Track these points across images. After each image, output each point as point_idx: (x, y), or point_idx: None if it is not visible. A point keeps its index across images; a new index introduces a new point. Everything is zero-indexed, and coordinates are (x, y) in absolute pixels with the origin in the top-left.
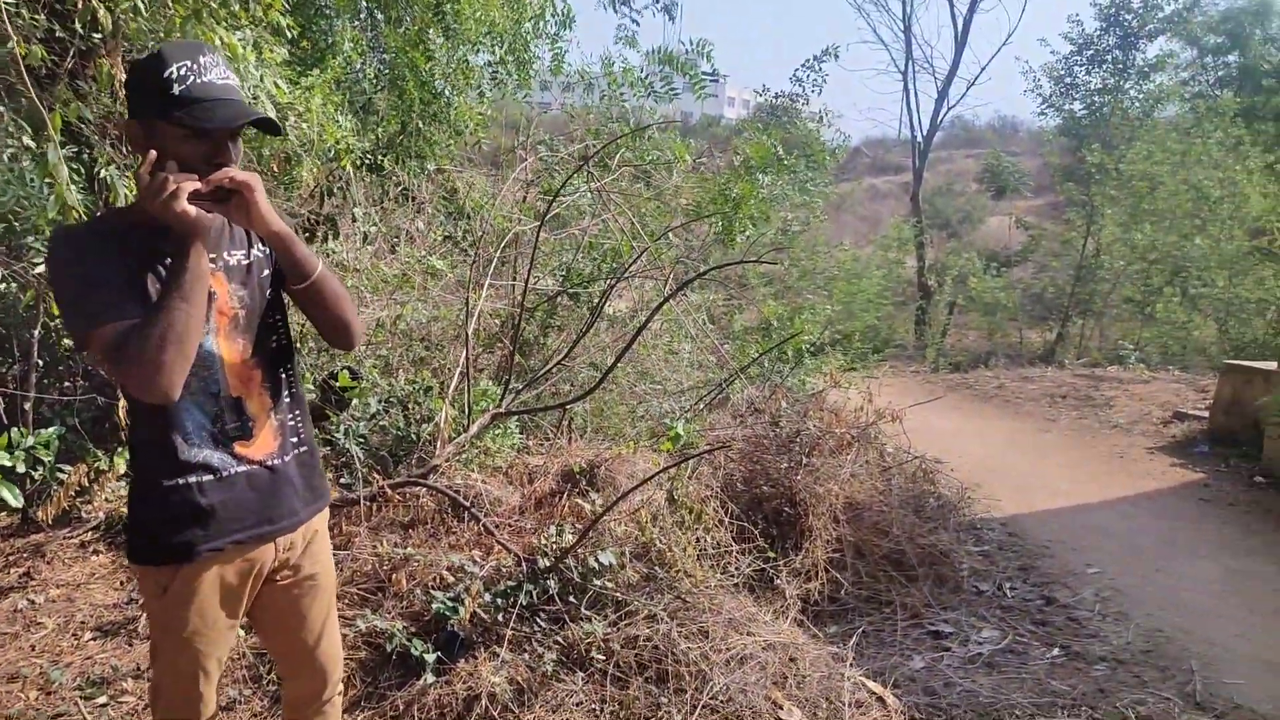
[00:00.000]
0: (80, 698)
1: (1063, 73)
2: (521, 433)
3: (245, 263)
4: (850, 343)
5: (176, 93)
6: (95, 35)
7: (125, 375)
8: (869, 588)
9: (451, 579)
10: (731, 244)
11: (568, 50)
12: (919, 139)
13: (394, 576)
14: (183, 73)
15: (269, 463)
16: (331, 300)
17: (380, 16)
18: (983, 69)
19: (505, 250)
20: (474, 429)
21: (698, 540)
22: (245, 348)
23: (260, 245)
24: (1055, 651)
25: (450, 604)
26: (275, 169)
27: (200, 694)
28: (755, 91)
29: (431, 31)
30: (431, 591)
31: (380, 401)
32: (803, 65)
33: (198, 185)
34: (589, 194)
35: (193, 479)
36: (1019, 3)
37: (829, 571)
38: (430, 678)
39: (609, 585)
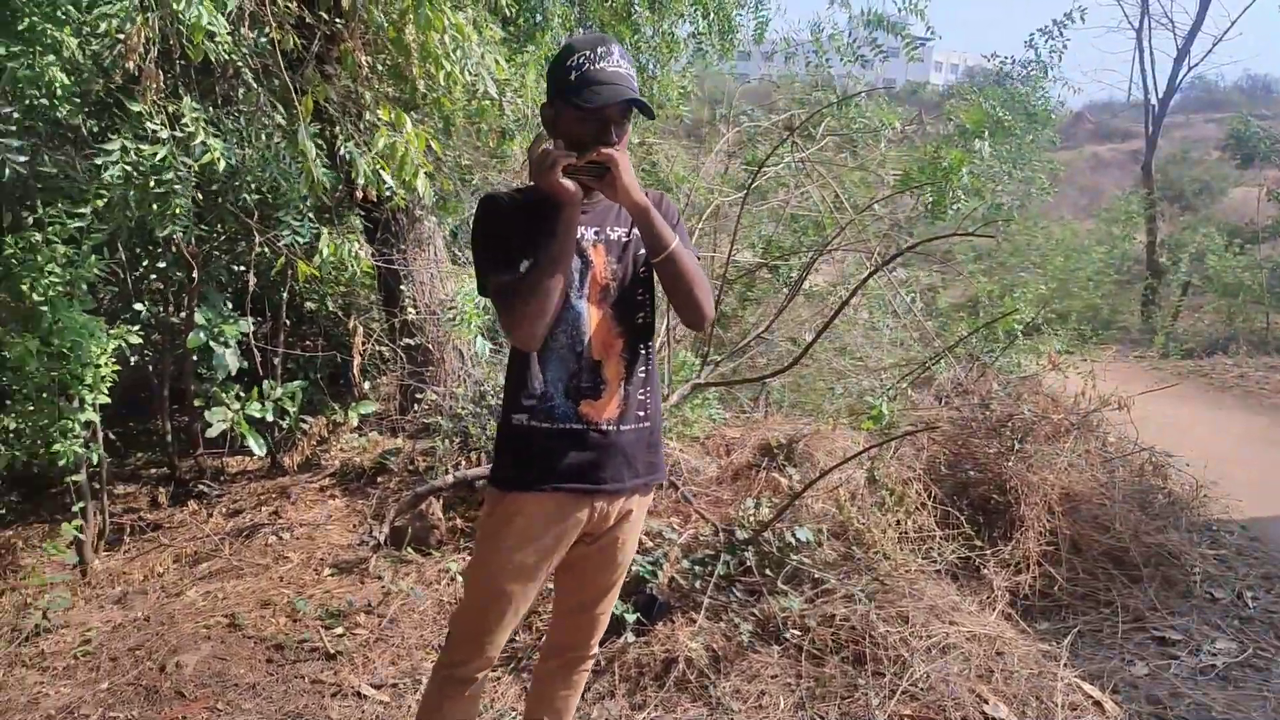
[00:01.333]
0: (321, 626)
1: None
2: (719, 404)
3: (625, 240)
4: (1067, 323)
5: (573, 79)
6: (338, 20)
7: (501, 321)
8: (1085, 585)
9: (650, 544)
10: (941, 217)
11: (771, 18)
12: (1153, 102)
13: None
14: (579, 61)
15: (604, 427)
16: (683, 277)
17: None
18: (1232, 23)
19: (704, 222)
20: (673, 399)
21: (898, 523)
22: (611, 316)
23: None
24: None
25: (649, 568)
26: (491, 143)
27: (489, 630)
28: (985, 57)
29: (638, 4)
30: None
31: None
32: (1040, 30)
33: (572, 160)
34: (792, 165)
35: (533, 422)
36: None
37: (1041, 565)
38: (630, 637)
39: (806, 562)
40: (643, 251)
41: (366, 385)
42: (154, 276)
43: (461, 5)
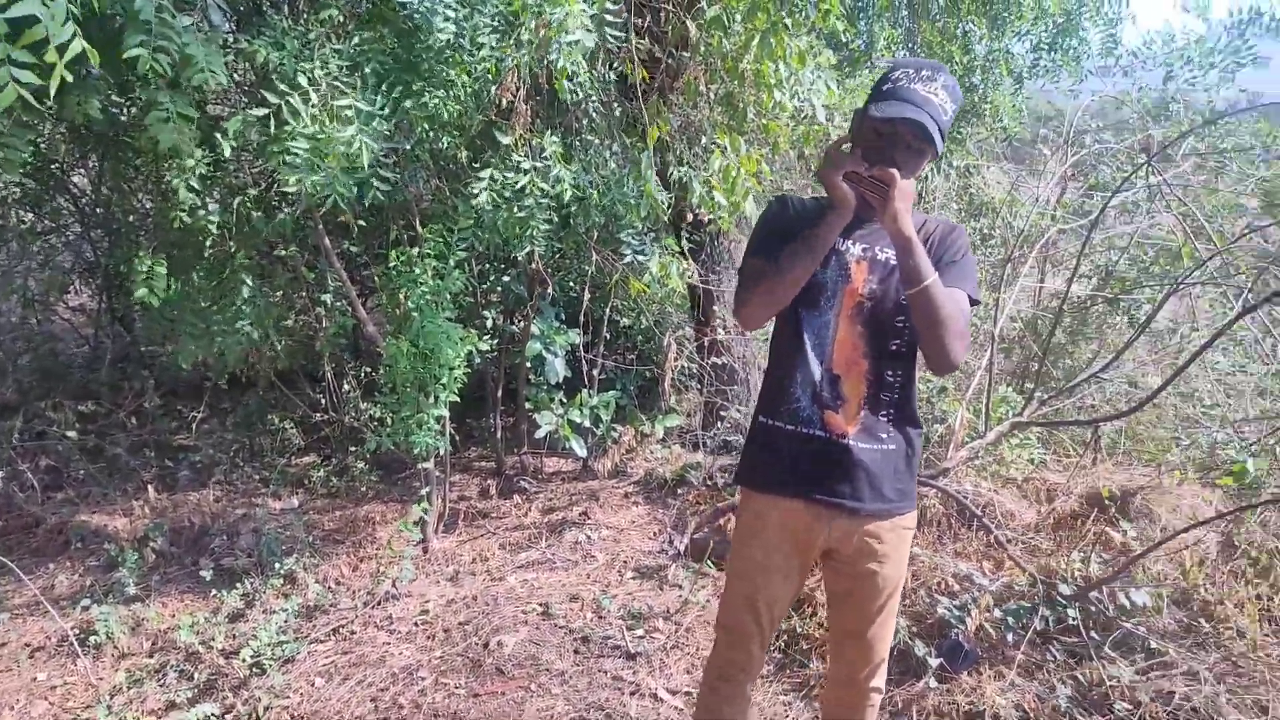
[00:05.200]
0: (624, 626)
1: None
2: (1040, 445)
3: (893, 263)
4: None
5: (884, 89)
6: (684, 53)
7: (735, 298)
8: None
9: (957, 587)
10: None
11: (1125, 28)
12: None
13: None
14: (899, 76)
15: (839, 440)
16: (932, 317)
17: (914, 13)
18: None
19: (1025, 249)
20: (991, 436)
21: (1259, 598)
22: (860, 335)
23: None
24: None
25: (957, 612)
26: (814, 166)
27: (732, 625)
28: None
29: (974, 24)
30: (936, 595)
31: None
32: None
33: (858, 168)
34: (1146, 189)
35: (779, 423)
36: None
37: None
38: (932, 682)
39: (1140, 629)
40: None
41: (673, 400)
42: (498, 290)
43: (798, 33)
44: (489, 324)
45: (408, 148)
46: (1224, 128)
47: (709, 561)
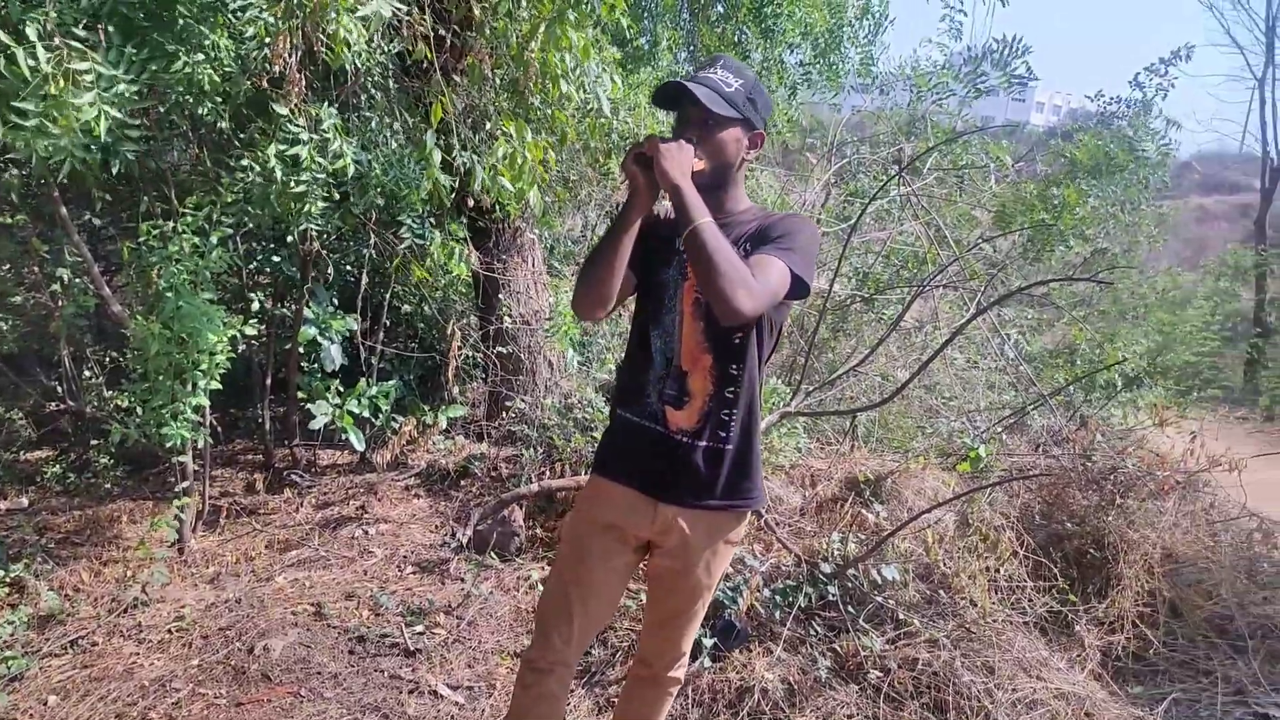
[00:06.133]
0: (403, 623)
1: None
2: (805, 434)
3: None
4: (1168, 378)
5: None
6: (469, 33)
7: None
8: (1185, 652)
9: (731, 569)
10: (1046, 257)
11: (882, 52)
12: (1272, 156)
13: None
14: (690, 68)
15: (677, 436)
16: (699, 258)
17: (695, 18)
18: None
19: None
20: (762, 425)
21: (988, 569)
22: (703, 330)
23: (744, 249)
24: None
25: (729, 594)
26: (599, 159)
27: (549, 615)
28: (1087, 97)
29: (750, 31)
30: None
31: None
32: (1146, 69)
33: (641, 150)
34: (897, 199)
35: (628, 415)
36: None
37: (1137, 626)
38: (706, 662)
39: (890, 602)
40: None
41: (456, 390)
42: (267, 270)
43: (583, 25)
44: (256, 307)
45: (161, 111)
46: (962, 146)
47: (492, 554)
